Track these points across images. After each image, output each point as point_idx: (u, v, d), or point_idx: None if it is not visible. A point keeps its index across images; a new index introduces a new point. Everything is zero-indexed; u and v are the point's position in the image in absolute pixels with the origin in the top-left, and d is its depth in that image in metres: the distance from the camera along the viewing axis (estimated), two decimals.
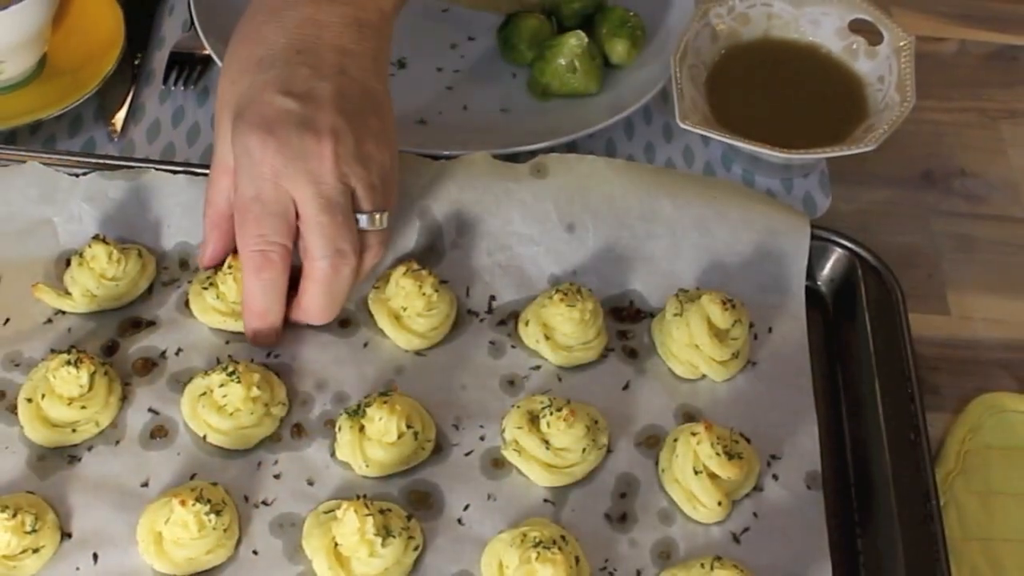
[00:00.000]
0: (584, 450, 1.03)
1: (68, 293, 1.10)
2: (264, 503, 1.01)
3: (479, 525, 1.01)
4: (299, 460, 1.04)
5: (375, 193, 1.03)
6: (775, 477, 1.05)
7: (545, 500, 1.03)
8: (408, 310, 1.09)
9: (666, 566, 0.99)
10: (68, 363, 1.02)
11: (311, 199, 1.00)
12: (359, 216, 1.03)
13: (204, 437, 1.03)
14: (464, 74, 1.33)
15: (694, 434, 1.02)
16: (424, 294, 1.08)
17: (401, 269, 1.09)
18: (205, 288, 1.10)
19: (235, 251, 1.06)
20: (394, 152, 1.07)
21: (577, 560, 0.97)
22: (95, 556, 0.97)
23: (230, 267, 1.08)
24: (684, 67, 1.25)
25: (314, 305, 1.06)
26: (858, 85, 1.28)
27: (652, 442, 1.07)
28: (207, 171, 1.16)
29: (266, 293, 1.04)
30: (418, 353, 1.10)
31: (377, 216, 1.04)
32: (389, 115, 1.07)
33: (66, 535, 0.98)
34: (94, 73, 1.27)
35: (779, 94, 1.29)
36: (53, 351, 1.06)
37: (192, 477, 1.02)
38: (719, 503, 1.01)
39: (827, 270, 1.19)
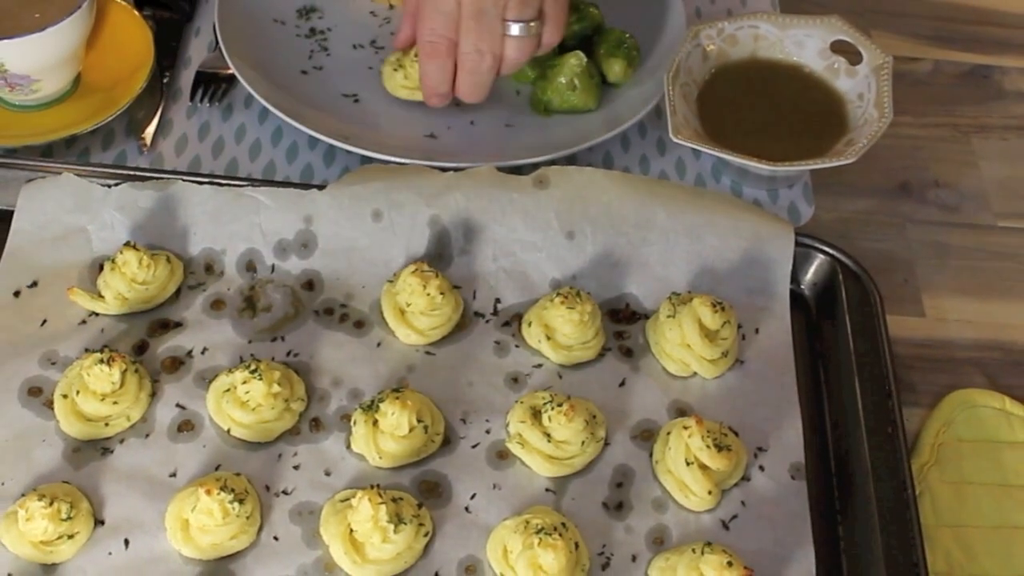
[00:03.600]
0: (583, 443, 1.03)
1: (101, 296, 1.10)
2: (284, 492, 1.01)
3: (485, 513, 1.01)
4: (317, 452, 1.04)
5: (524, 6, 1.15)
6: (761, 468, 1.05)
7: (547, 489, 1.03)
8: (412, 306, 1.09)
9: (660, 551, 1.00)
10: (101, 361, 1.02)
11: (467, 4, 1.15)
12: (507, 23, 1.16)
13: (228, 430, 1.04)
14: None
15: (686, 428, 1.02)
16: (428, 294, 1.08)
17: (411, 268, 1.10)
18: (395, 70, 1.28)
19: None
20: None
21: (576, 545, 0.97)
22: (126, 542, 0.98)
23: (416, 55, 1.23)
24: (676, 85, 1.25)
25: (462, 87, 1.21)
26: (839, 102, 1.28)
27: (646, 435, 1.07)
28: (231, 182, 1.18)
29: (435, 73, 1.20)
30: (428, 352, 1.10)
31: (519, 25, 1.16)
32: None
33: (99, 522, 0.99)
34: (125, 91, 1.27)
35: (765, 110, 1.29)
36: (87, 350, 1.07)
37: (217, 468, 1.02)
38: (709, 492, 1.01)
39: (810, 275, 1.19)
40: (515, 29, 1.16)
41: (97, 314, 1.11)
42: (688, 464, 1.01)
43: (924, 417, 1.15)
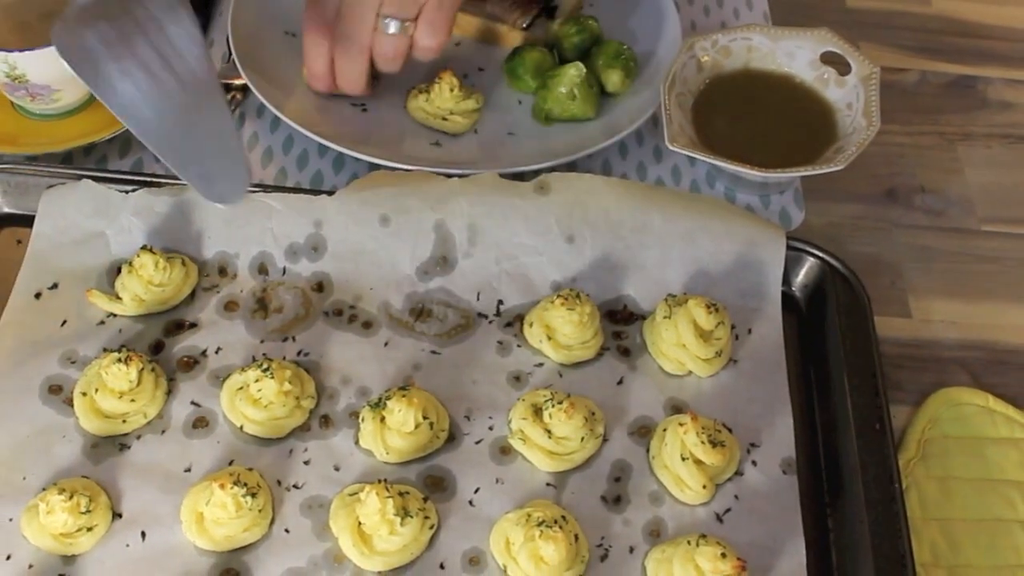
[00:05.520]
0: (582, 439, 1.03)
1: (119, 298, 1.11)
2: (295, 486, 1.01)
3: (488, 506, 1.01)
4: (326, 448, 1.04)
5: (400, 5, 1.16)
6: (754, 463, 1.05)
7: (547, 484, 1.03)
8: None
9: (656, 543, 1.00)
10: (119, 361, 1.02)
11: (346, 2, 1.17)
12: (382, 18, 1.17)
13: (241, 427, 1.04)
14: None
15: (681, 424, 1.02)
16: None
17: None
18: (420, 92, 1.29)
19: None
20: None
21: (576, 537, 0.97)
22: (143, 534, 0.98)
23: (439, 79, 1.27)
24: (672, 95, 1.25)
25: (337, 72, 1.24)
26: (829, 111, 1.28)
27: (643, 432, 1.07)
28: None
29: (311, 50, 1.22)
30: (433, 351, 1.11)
31: (394, 23, 1.18)
32: None
33: (117, 515, 0.99)
34: None
35: (758, 119, 1.29)
36: (105, 350, 1.07)
37: (230, 463, 1.02)
38: (704, 486, 1.01)
39: (801, 277, 1.20)
40: (390, 27, 1.17)
41: (115, 315, 1.11)
42: (683, 459, 1.01)
43: (911, 414, 1.16)
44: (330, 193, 1.17)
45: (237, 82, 1.32)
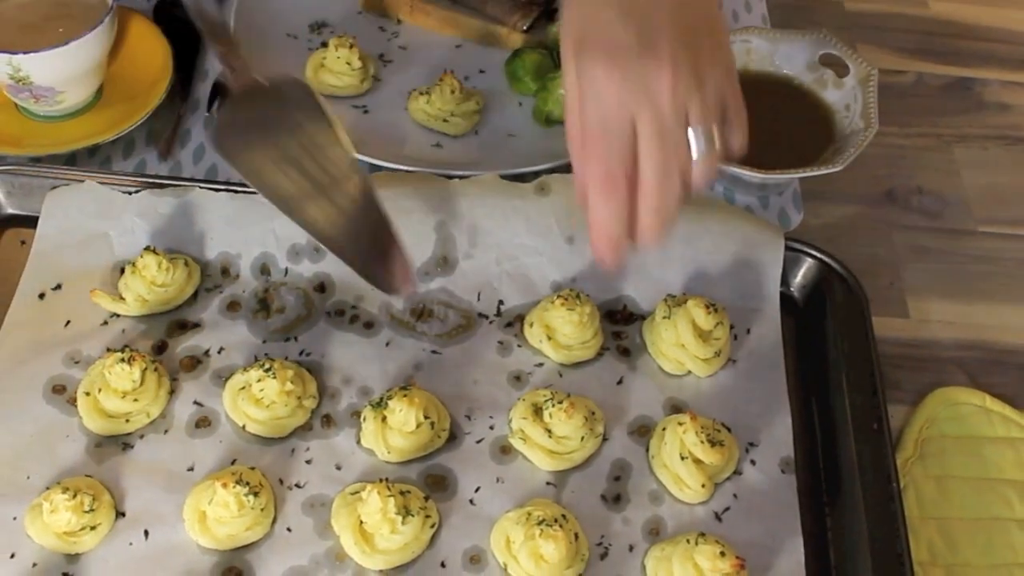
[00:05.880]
0: (582, 438, 1.03)
1: (122, 298, 1.11)
2: (297, 485, 1.01)
3: (489, 505, 1.01)
4: (328, 447, 1.04)
5: (708, 113, 0.91)
6: (753, 462, 1.05)
7: (548, 483, 1.03)
8: None
9: (655, 542, 1.00)
10: (122, 361, 1.02)
11: (649, 124, 0.89)
12: (692, 134, 0.91)
13: (243, 427, 1.04)
14: None
15: (680, 424, 1.02)
16: None
17: None
18: (421, 94, 1.28)
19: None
20: (729, 67, 0.95)
21: (576, 536, 0.97)
22: (146, 533, 0.98)
23: (450, 90, 1.27)
24: None
25: (647, 227, 0.92)
26: (827, 112, 1.28)
27: (643, 431, 1.07)
28: (247, 190, 1.17)
29: (613, 218, 0.92)
30: (434, 351, 1.11)
31: (706, 134, 0.91)
32: (721, 32, 0.95)
33: (120, 514, 0.99)
34: (145, 102, 1.27)
35: (756, 121, 1.28)
36: (109, 350, 1.07)
37: (233, 462, 1.02)
38: (703, 485, 1.01)
39: (799, 278, 1.20)
40: (700, 139, 0.91)
41: (118, 315, 1.11)
42: (683, 458, 1.01)
43: (908, 414, 1.16)
44: None
45: None
